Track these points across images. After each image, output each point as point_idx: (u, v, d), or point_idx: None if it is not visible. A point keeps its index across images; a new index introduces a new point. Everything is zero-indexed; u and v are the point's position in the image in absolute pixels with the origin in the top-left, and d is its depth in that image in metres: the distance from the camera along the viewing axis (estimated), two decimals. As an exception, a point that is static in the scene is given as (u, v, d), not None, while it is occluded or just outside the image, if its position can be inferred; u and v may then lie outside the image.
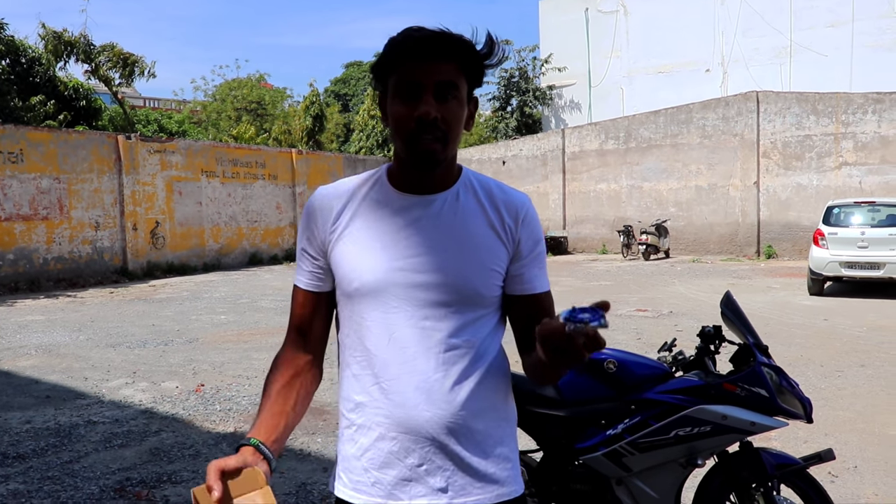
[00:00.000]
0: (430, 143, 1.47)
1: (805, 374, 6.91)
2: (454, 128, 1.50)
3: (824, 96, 19.85)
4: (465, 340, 1.54)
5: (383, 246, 1.54)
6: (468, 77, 1.51)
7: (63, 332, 10.03)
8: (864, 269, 12.42)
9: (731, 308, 3.23)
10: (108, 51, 25.49)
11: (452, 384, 1.53)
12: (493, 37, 1.51)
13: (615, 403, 3.10)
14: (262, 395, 1.60)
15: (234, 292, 14.51)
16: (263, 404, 1.56)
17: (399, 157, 1.57)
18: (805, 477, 3.08)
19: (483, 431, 1.57)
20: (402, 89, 1.47)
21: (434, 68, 1.45)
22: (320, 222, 1.60)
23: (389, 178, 1.60)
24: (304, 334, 1.65)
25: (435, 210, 1.56)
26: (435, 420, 1.52)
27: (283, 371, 1.61)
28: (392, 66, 1.49)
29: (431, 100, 1.45)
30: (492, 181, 1.67)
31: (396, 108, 1.48)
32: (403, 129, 1.48)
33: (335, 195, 1.61)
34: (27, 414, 6.10)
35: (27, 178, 15.73)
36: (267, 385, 1.60)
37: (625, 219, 22.76)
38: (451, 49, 1.46)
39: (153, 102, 48.95)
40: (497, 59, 1.53)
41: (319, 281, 1.62)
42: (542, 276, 1.65)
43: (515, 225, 1.60)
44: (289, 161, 22.58)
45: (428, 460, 1.53)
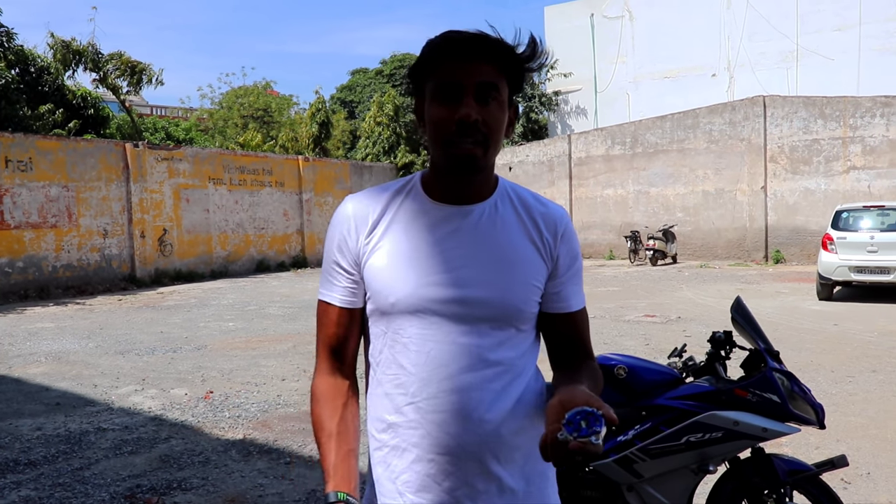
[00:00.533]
0: (470, 148, 1.41)
1: (816, 379, 6.88)
2: (496, 132, 1.44)
3: (832, 100, 19.80)
4: (505, 357, 1.49)
5: (421, 259, 1.48)
6: (509, 80, 1.45)
7: (72, 340, 10.06)
8: (874, 273, 12.36)
9: (742, 313, 3.22)
10: (115, 59, 25.62)
11: (492, 403, 1.47)
12: (536, 39, 1.45)
13: (626, 409, 3.09)
14: (317, 434, 1.50)
15: (241, 299, 14.54)
16: (327, 447, 1.47)
17: (436, 164, 1.51)
18: (818, 483, 3.07)
19: (523, 451, 1.51)
20: (441, 91, 1.42)
21: (474, 69, 1.40)
22: (354, 234, 1.52)
23: (424, 187, 1.54)
24: (340, 357, 1.56)
25: (473, 221, 1.50)
26: (475, 441, 1.46)
27: (332, 403, 1.52)
28: (430, 69, 1.44)
29: (472, 102, 1.40)
30: (529, 192, 1.61)
31: (435, 111, 1.42)
32: (443, 132, 1.42)
33: (369, 205, 1.54)
34: (38, 421, 6.12)
35: (36, 187, 15.81)
36: (321, 423, 1.50)
37: (632, 224, 22.73)
38: (493, 50, 1.41)
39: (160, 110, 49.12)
40: (539, 63, 1.47)
41: (354, 296, 1.54)
42: (579, 294, 1.60)
43: (554, 240, 1.55)
44: (295, 168, 22.63)
45: (466, 484, 1.47)
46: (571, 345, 1.60)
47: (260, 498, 4.39)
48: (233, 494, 4.45)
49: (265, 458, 5.11)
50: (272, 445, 5.39)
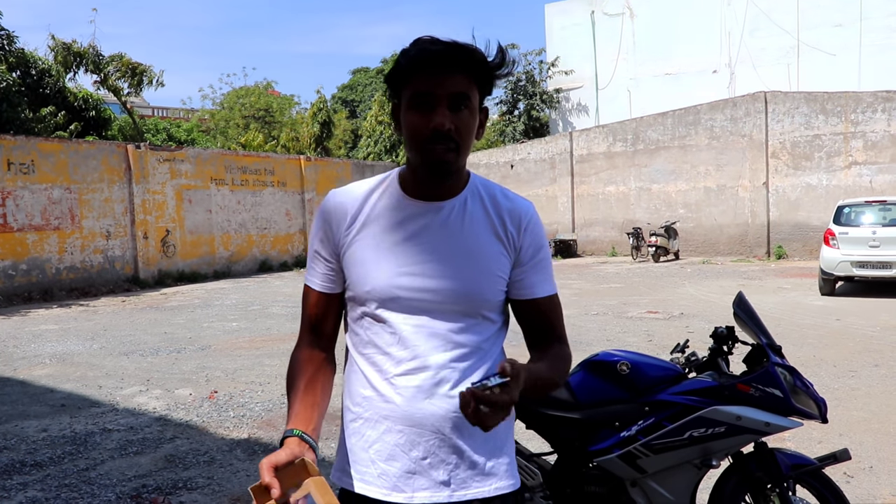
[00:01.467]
0: (443, 154, 1.53)
1: (818, 374, 6.89)
2: (466, 138, 1.56)
3: (833, 96, 19.78)
4: (470, 341, 1.62)
5: (394, 251, 1.61)
6: (479, 87, 1.57)
7: (77, 341, 10.09)
8: (876, 268, 12.37)
9: (744, 308, 3.23)
10: (116, 61, 25.66)
11: (457, 381, 1.59)
12: (503, 48, 1.57)
13: (629, 405, 3.10)
14: (288, 392, 1.65)
15: (245, 299, 14.57)
16: (294, 398, 1.62)
17: (412, 164, 1.63)
18: (820, 477, 3.08)
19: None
20: (416, 101, 1.53)
21: (447, 80, 1.51)
22: (334, 226, 1.66)
23: (401, 184, 1.66)
24: (318, 333, 1.72)
25: (443, 217, 1.62)
26: (440, 414, 1.59)
27: (304, 368, 1.66)
28: (406, 78, 1.54)
29: (446, 111, 1.51)
30: (497, 188, 1.72)
31: (411, 119, 1.54)
32: (418, 139, 1.54)
33: (349, 199, 1.67)
34: (43, 422, 6.15)
35: (39, 189, 15.84)
36: (292, 382, 1.65)
37: (634, 221, 22.72)
38: (464, 61, 1.51)
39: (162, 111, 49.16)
40: (507, 70, 1.58)
41: (332, 283, 1.69)
42: (544, 282, 1.71)
43: (518, 232, 1.67)
44: (297, 168, 22.65)
45: (432, 454, 1.60)
46: (540, 329, 1.75)
47: (265, 496, 4.40)
48: (238, 493, 4.47)
49: (270, 457, 5.12)
50: (277, 444, 5.39)
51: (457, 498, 1.61)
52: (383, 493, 1.61)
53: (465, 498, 1.62)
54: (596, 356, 3.21)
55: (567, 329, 1.81)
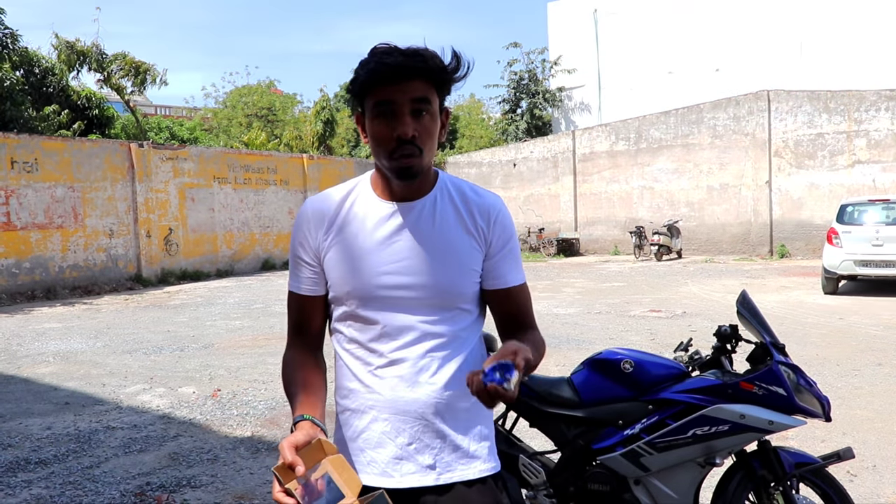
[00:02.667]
0: (409, 159, 1.62)
1: (822, 372, 6.89)
2: (429, 141, 1.64)
3: (836, 94, 19.76)
4: (448, 331, 1.72)
5: (371, 252, 1.70)
6: (439, 91, 1.65)
7: (80, 339, 10.11)
8: (879, 267, 12.35)
9: (748, 307, 3.23)
10: (119, 60, 25.67)
11: (437, 369, 1.70)
12: (457, 53, 1.64)
13: (632, 403, 3.11)
14: (288, 391, 1.73)
15: (247, 298, 14.58)
16: (295, 394, 1.69)
17: (381, 171, 1.72)
18: (824, 476, 3.08)
19: (466, 411, 1.73)
20: (379, 110, 1.61)
21: (407, 87, 1.58)
22: (313, 231, 1.75)
23: (373, 187, 1.76)
24: (305, 334, 1.81)
25: (414, 217, 1.71)
26: (422, 401, 1.69)
27: (298, 369, 1.75)
28: (367, 89, 1.61)
29: (408, 119, 1.60)
30: (465, 184, 1.81)
31: (376, 128, 1.63)
32: (384, 147, 1.62)
33: (325, 205, 1.76)
34: (47, 420, 6.16)
35: (42, 187, 15.86)
36: (289, 382, 1.75)
37: (636, 220, 22.71)
38: (421, 69, 1.58)
39: (164, 110, 49.21)
40: (463, 73, 1.66)
41: (316, 286, 1.77)
42: (515, 271, 1.80)
43: (488, 226, 1.75)
44: (300, 166, 22.67)
45: (417, 439, 1.69)
46: (513, 316, 1.83)
47: (269, 495, 4.42)
48: (241, 491, 4.48)
49: (274, 455, 5.14)
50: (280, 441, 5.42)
51: (443, 480, 1.70)
52: (373, 479, 1.68)
53: (451, 480, 1.70)
54: (599, 354, 3.22)
55: (570, 328, 1.93)
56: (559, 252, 23.72)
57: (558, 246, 23.80)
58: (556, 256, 23.53)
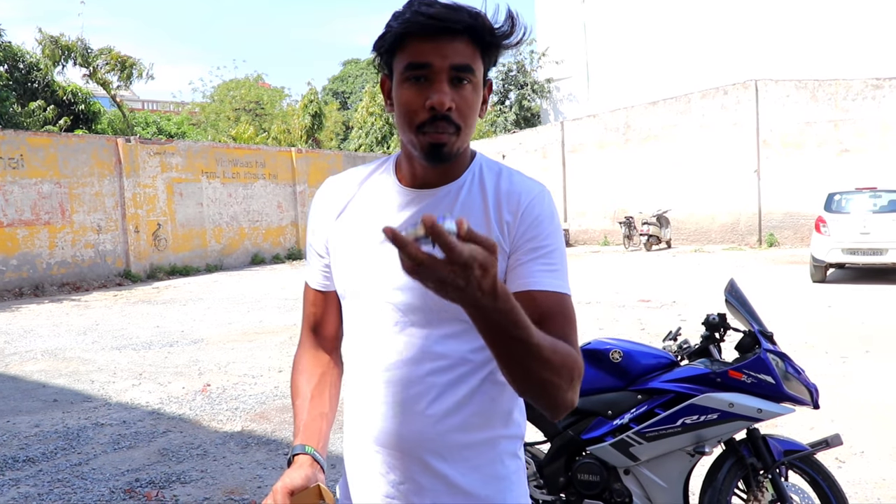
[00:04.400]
0: (441, 136, 1.31)
1: (810, 360, 6.91)
2: (469, 117, 1.34)
3: (823, 83, 19.81)
4: (452, 351, 1.38)
5: (373, 247, 1.41)
6: (484, 58, 1.34)
7: (68, 336, 10.05)
8: (867, 255, 12.42)
9: (736, 295, 3.24)
10: (105, 54, 25.50)
11: (437, 396, 1.38)
12: (513, 13, 1.34)
13: (622, 393, 3.11)
14: (294, 398, 1.54)
15: (237, 292, 14.53)
16: (301, 406, 1.49)
17: (405, 148, 1.42)
18: (812, 463, 3.09)
19: (476, 450, 1.41)
20: (412, 72, 1.30)
21: (448, 48, 1.28)
22: (325, 217, 1.51)
23: (396, 170, 1.47)
24: (319, 333, 1.59)
25: (429, 207, 1.40)
26: (415, 437, 1.39)
27: (310, 371, 1.55)
28: (399, 45, 1.32)
29: (446, 87, 1.29)
30: (505, 169, 1.48)
31: (406, 95, 1.32)
32: (414, 119, 1.31)
33: (342, 187, 1.52)
34: (35, 418, 6.12)
35: (28, 184, 15.74)
36: (297, 387, 1.53)
37: (626, 210, 22.74)
38: (469, 26, 1.29)
39: (152, 105, 48.98)
40: (518, 39, 1.36)
41: (328, 279, 1.52)
42: (546, 275, 1.38)
43: (514, 217, 1.40)
44: (289, 160, 22.58)
45: (410, 479, 1.40)
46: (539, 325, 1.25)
47: (259, 489, 4.41)
48: (232, 486, 4.46)
49: (264, 450, 5.13)
50: (270, 437, 5.41)
51: None
52: None
53: None
54: (588, 344, 3.21)
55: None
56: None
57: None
58: (546, 248, 23.51)
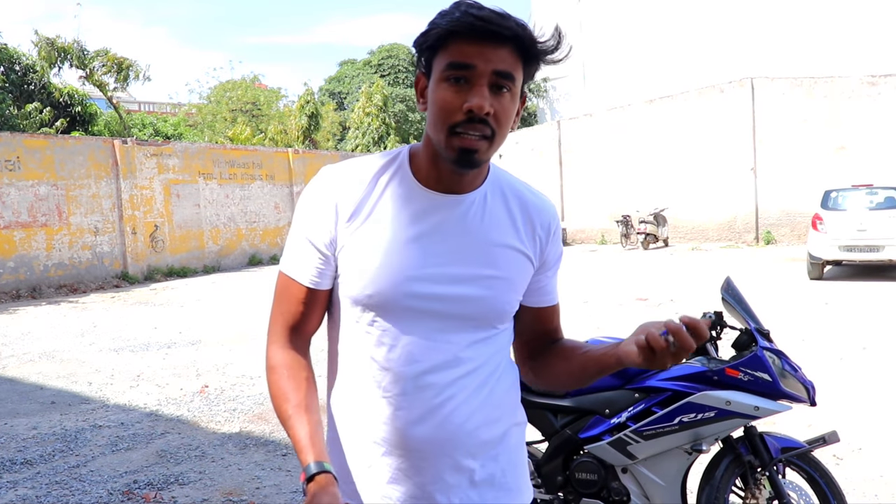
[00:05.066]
0: (475, 141, 1.30)
1: (807, 358, 6.92)
2: (505, 125, 1.33)
3: (819, 80, 19.84)
4: (479, 355, 1.43)
5: (403, 251, 1.39)
6: (525, 70, 1.34)
7: (66, 338, 10.04)
8: (864, 251, 12.44)
9: (732, 293, 3.24)
10: (101, 56, 25.47)
11: (464, 401, 1.42)
12: (560, 31, 1.34)
13: (619, 392, 3.12)
14: (281, 401, 1.42)
15: (234, 293, 14.52)
16: (299, 416, 1.38)
17: (431, 148, 1.39)
18: (810, 460, 3.10)
19: (495, 441, 1.48)
20: (452, 72, 1.29)
21: (493, 53, 1.28)
22: (335, 215, 1.42)
23: (414, 170, 1.43)
24: (300, 332, 1.50)
25: (460, 214, 1.40)
26: (446, 438, 1.41)
27: (296, 375, 1.45)
28: (443, 44, 1.30)
29: (486, 91, 1.28)
30: (520, 183, 1.52)
31: (443, 94, 1.30)
32: (448, 119, 1.30)
33: (354, 182, 1.43)
34: (33, 420, 6.12)
35: (25, 186, 15.71)
36: (285, 393, 1.43)
37: (623, 209, 22.76)
38: (516, 34, 1.28)
39: (148, 106, 48.88)
40: (561, 57, 1.36)
41: (322, 277, 1.45)
42: (556, 288, 1.60)
43: (547, 237, 1.50)
44: (285, 161, 22.57)
45: (439, 479, 1.43)
46: (548, 334, 1.62)
47: (257, 490, 4.41)
48: (230, 487, 4.46)
49: (262, 451, 5.13)
50: (268, 438, 5.41)
51: None
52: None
53: None
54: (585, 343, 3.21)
55: (556, 317, 1.71)
56: (546, 242, 23.74)
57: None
58: (544, 247, 23.53)
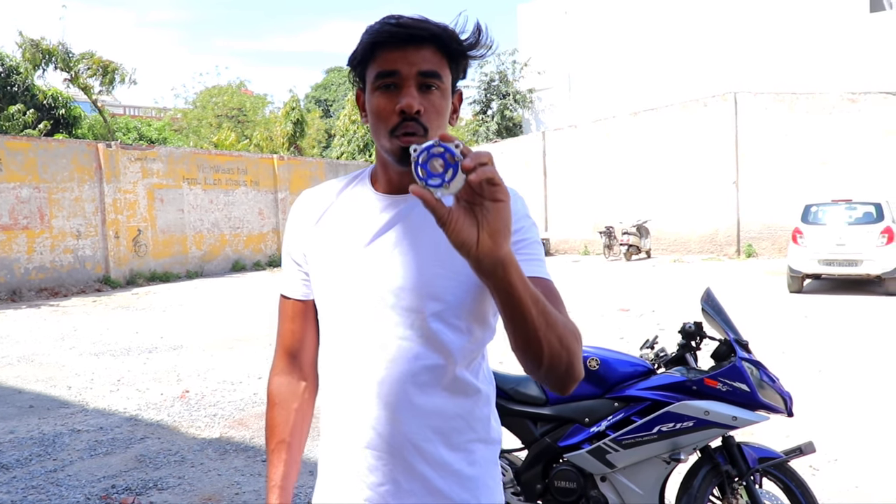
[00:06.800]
0: (410, 137, 1.34)
1: (785, 369, 6.99)
2: (437, 121, 1.37)
3: (801, 96, 20.06)
4: (436, 349, 1.40)
5: (353, 252, 1.44)
6: (452, 67, 1.40)
7: (46, 342, 9.95)
8: (843, 265, 12.57)
9: (712, 304, 3.28)
10: (87, 59, 25.31)
11: (421, 398, 1.41)
12: (481, 26, 1.39)
13: (599, 401, 3.14)
14: (269, 437, 1.56)
15: (217, 299, 14.46)
16: (278, 455, 1.53)
17: (381, 156, 1.46)
18: (786, 470, 3.13)
19: (454, 453, 1.44)
20: (381, 80, 1.37)
21: (415, 55, 1.35)
22: (302, 227, 1.54)
23: (371, 179, 1.51)
24: (296, 355, 1.57)
25: (406, 212, 1.43)
26: (399, 437, 1.41)
27: (286, 407, 1.56)
28: (370, 56, 1.38)
29: (414, 91, 1.35)
30: None
31: (377, 103, 1.37)
32: (386, 124, 1.36)
33: (318, 197, 1.55)
34: (10, 424, 6.06)
35: (6, 188, 15.59)
36: (273, 427, 1.56)
37: (606, 220, 22.87)
38: (434, 35, 1.35)
39: (133, 110, 48.62)
40: (483, 52, 1.41)
41: (307, 288, 1.54)
42: (530, 265, 1.38)
43: None
44: (270, 167, 22.52)
45: (392, 480, 1.42)
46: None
47: (237, 496, 4.40)
48: (209, 493, 4.45)
49: (242, 456, 5.11)
50: (249, 443, 5.39)
51: None
52: None
53: None
54: (566, 352, 3.23)
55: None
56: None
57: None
58: (528, 257, 23.59)
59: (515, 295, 1.16)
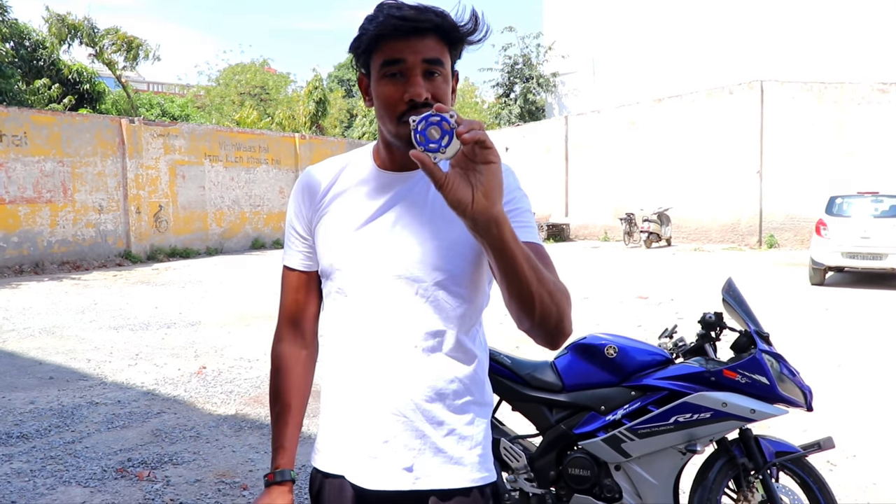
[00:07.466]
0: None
1: (805, 362, 6.92)
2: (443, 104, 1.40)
3: (829, 85, 19.75)
4: (438, 316, 1.51)
5: (360, 224, 1.54)
6: (451, 52, 1.48)
7: (67, 315, 10.06)
8: (867, 259, 12.40)
9: (733, 295, 3.24)
10: (111, 34, 25.46)
11: (424, 362, 1.51)
12: (476, 13, 1.47)
13: (615, 389, 3.11)
14: (273, 401, 1.65)
15: (236, 276, 14.54)
16: (284, 418, 1.63)
17: (383, 136, 1.54)
18: (804, 465, 3.10)
19: (454, 413, 1.54)
20: (387, 68, 1.44)
21: (419, 45, 1.42)
22: (308, 201, 1.61)
23: (375, 156, 1.60)
24: (298, 324, 1.67)
25: (409, 187, 1.53)
26: (402, 396, 1.50)
27: (290, 373, 1.66)
28: (374, 45, 1.45)
29: (420, 79, 1.42)
30: None
31: (385, 91, 1.45)
32: (394, 111, 1.44)
33: (323, 174, 1.63)
34: (31, 395, 6.14)
35: (31, 161, 15.74)
36: (278, 393, 1.66)
37: (627, 206, 22.73)
38: (436, 24, 1.43)
39: (156, 86, 48.86)
40: (480, 37, 1.49)
41: (310, 260, 1.63)
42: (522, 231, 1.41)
43: None
44: (292, 146, 22.56)
45: (393, 437, 1.51)
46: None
47: (250, 472, 4.42)
48: (223, 469, 4.47)
49: (256, 434, 5.14)
50: (264, 421, 5.42)
51: (420, 486, 1.52)
52: (346, 472, 1.56)
53: (430, 487, 1.52)
54: (583, 339, 3.21)
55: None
56: (549, 237, 23.74)
57: (548, 231, 23.82)
58: (546, 242, 23.55)
59: (508, 251, 1.26)
